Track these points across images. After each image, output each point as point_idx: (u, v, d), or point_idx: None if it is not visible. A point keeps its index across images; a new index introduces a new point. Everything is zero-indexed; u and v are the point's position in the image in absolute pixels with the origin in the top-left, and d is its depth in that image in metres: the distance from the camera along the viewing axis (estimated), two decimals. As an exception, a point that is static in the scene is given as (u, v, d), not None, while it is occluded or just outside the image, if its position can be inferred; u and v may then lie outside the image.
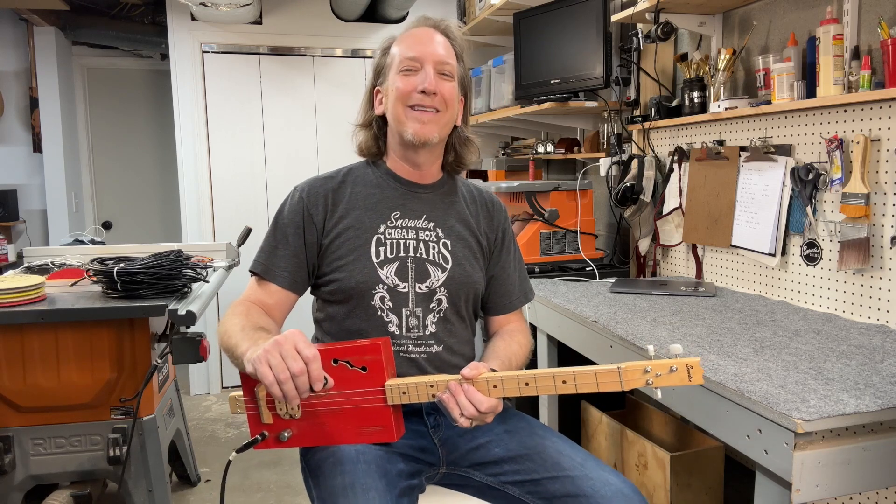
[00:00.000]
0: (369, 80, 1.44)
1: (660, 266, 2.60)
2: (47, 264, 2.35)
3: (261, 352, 1.08)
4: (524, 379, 1.12)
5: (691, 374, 1.02)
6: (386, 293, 1.33)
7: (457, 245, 1.39)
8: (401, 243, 1.36)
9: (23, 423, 1.97)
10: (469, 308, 1.43)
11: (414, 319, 1.34)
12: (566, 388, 1.09)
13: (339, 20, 3.95)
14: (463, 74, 1.40)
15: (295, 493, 2.68)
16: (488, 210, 1.49)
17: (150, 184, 4.77)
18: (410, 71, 1.33)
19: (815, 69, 1.77)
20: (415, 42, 1.35)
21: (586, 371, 1.08)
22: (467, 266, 1.39)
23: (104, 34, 4.07)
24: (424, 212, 1.40)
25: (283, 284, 1.35)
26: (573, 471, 1.22)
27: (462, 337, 1.42)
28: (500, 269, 1.48)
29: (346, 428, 1.22)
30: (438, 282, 1.36)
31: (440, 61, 1.33)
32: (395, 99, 1.33)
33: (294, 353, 1.07)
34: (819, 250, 1.86)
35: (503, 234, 1.49)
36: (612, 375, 1.06)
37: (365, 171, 1.43)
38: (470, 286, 1.40)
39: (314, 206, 1.37)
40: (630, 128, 2.58)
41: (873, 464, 1.15)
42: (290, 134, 4.03)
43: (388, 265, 1.34)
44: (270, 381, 1.06)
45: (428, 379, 1.17)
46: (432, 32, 1.37)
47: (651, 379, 1.04)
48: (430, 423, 1.35)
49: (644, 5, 2.22)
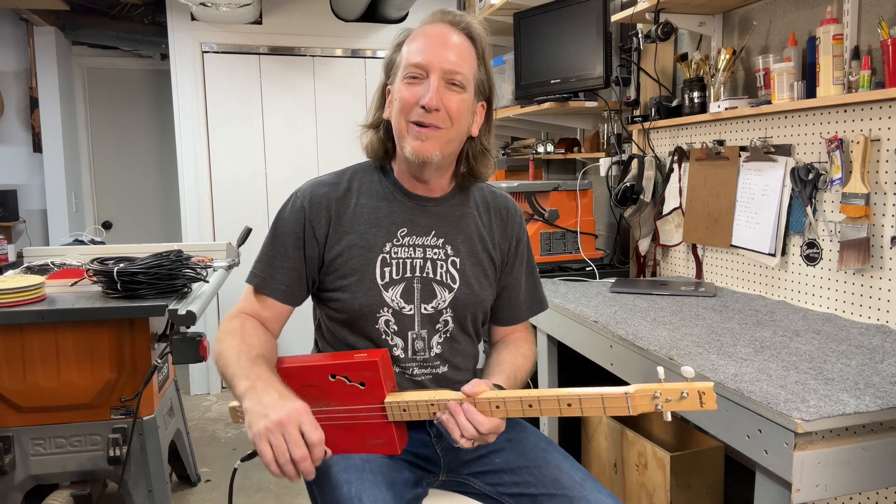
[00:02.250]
0: (381, 76, 1.32)
1: (660, 266, 2.60)
2: (47, 264, 2.35)
3: (262, 427, 1.01)
4: (528, 401, 1.09)
5: (703, 401, 0.99)
6: (391, 316, 1.27)
7: (465, 262, 1.32)
8: (407, 263, 1.28)
9: (23, 423, 1.97)
10: (476, 325, 1.38)
11: (420, 342, 1.29)
12: (571, 410, 1.06)
13: (339, 20, 3.95)
14: (483, 79, 1.27)
15: (295, 493, 2.68)
16: (502, 218, 1.40)
17: (150, 184, 4.77)
18: (415, 79, 1.21)
19: (815, 69, 1.77)
20: (424, 45, 1.21)
21: (593, 394, 1.05)
22: (475, 285, 1.33)
23: (104, 34, 4.07)
24: (433, 227, 1.31)
25: (280, 298, 1.28)
26: (571, 490, 1.20)
27: (467, 353, 1.37)
28: (513, 280, 1.41)
29: (348, 440, 1.20)
30: (445, 302, 1.29)
31: (449, 70, 1.20)
32: (397, 109, 1.23)
33: (298, 438, 1.01)
34: (819, 250, 1.86)
35: (517, 242, 1.41)
36: (619, 400, 1.03)
37: (371, 177, 1.33)
38: (477, 305, 1.34)
39: (316, 219, 1.27)
40: (630, 128, 2.58)
41: (873, 464, 1.15)
42: (290, 134, 4.03)
43: (393, 287, 1.27)
44: (269, 459, 1.00)
45: (429, 396, 1.14)
46: (448, 32, 1.23)
47: (660, 405, 1.01)
48: (434, 433, 1.33)
49: (644, 5, 2.22)
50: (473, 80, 1.25)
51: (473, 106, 1.28)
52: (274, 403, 1.04)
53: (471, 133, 1.29)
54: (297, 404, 1.05)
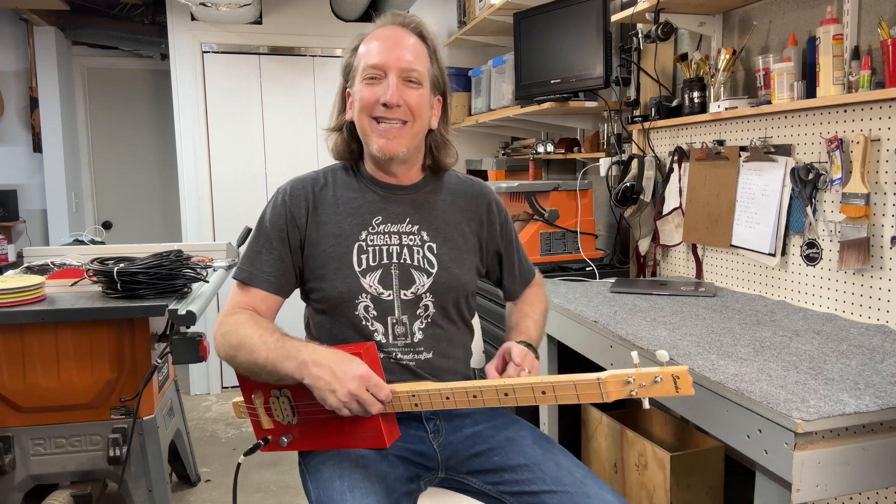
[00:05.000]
0: (340, 81, 1.38)
1: (660, 266, 2.60)
2: (47, 264, 2.35)
3: (336, 401, 1.12)
4: (503, 389, 1.11)
5: (678, 385, 0.98)
6: (370, 302, 1.30)
7: (443, 247, 1.36)
8: (383, 250, 1.32)
9: (23, 423, 1.97)
10: (461, 310, 1.40)
11: (401, 327, 1.31)
12: (546, 398, 1.07)
13: (339, 20, 3.95)
14: (437, 75, 1.34)
15: (295, 493, 2.68)
16: (475, 198, 1.44)
17: (150, 184, 4.77)
18: (374, 80, 1.27)
19: (815, 69, 1.77)
20: (380, 46, 1.28)
21: (566, 381, 1.05)
22: (454, 268, 1.36)
23: (104, 34, 4.07)
24: (407, 215, 1.35)
25: (269, 289, 1.31)
26: (572, 487, 1.20)
27: (454, 341, 1.39)
28: (506, 260, 1.48)
29: (340, 433, 1.23)
30: (424, 287, 1.32)
31: (405, 68, 1.27)
32: (359, 109, 1.29)
33: (369, 398, 1.13)
34: (819, 250, 1.86)
35: (501, 225, 1.46)
36: (592, 387, 1.03)
37: (345, 173, 1.40)
38: (458, 289, 1.36)
39: (297, 209, 1.33)
40: (630, 128, 2.58)
41: (873, 464, 1.15)
42: (290, 134, 4.03)
43: (370, 273, 1.30)
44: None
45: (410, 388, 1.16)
46: (400, 33, 1.30)
47: (635, 390, 1.00)
48: (430, 428, 1.34)
49: (644, 5, 2.22)
50: (428, 76, 1.32)
51: (431, 100, 1.34)
52: (336, 375, 1.12)
53: (431, 125, 1.36)
54: (356, 369, 1.12)
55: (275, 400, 1.27)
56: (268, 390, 1.27)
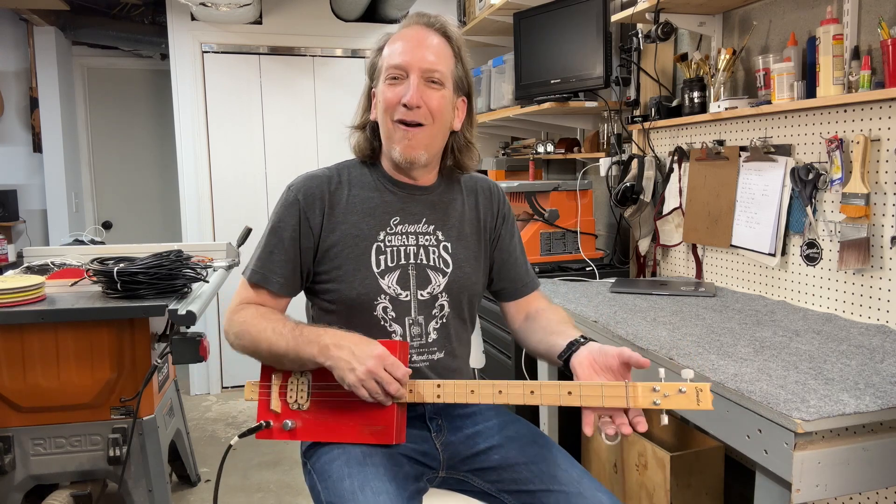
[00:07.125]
0: (366, 80, 1.38)
1: (660, 266, 2.60)
2: (47, 264, 2.35)
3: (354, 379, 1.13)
4: (529, 387, 1.13)
5: (700, 399, 1.01)
6: (388, 303, 1.30)
7: (457, 247, 1.37)
8: (401, 250, 1.32)
9: (23, 423, 1.97)
10: (472, 309, 1.42)
11: (417, 328, 1.32)
12: (571, 399, 1.09)
13: (339, 20, 3.95)
14: (461, 75, 1.33)
15: (295, 493, 2.68)
16: (487, 197, 1.45)
17: (150, 184, 4.77)
18: (396, 80, 1.27)
19: (815, 69, 1.77)
20: (403, 47, 1.27)
21: (593, 384, 1.08)
22: (467, 268, 1.37)
23: (104, 34, 4.07)
24: (424, 215, 1.36)
25: (280, 291, 1.32)
26: (569, 486, 1.22)
27: (462, 339, 1.41)
28: (508, 254, 1.45)
29: (349, 424, 1.23)
30: (440, 287, 1.33)
31: (427, 69, 1.26)
32: (382, 109, 1.29)
33: (387, 376, 1.14)
34: (819, 250, 1.86)
35: (504, 218, 1.46)
36: (618, 390, 1.06)
37: (361, 170, 1.38)
38: (471, 287, 1.38)
39: (311, 210, 1.31)
40: (630, 128, 2.58)
41: (873, 464, 1.15)
42: (291, 134, 4.03)
43: (389, 274, 1.31)
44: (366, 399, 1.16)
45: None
46: (424, 33, 1.29)
47: (658, 399, 1.03)
48: (433, 427, 1.34)
49: (644, 5, 2.22)
50: (452, 77, 1.31)
51: (454, 101, 1.33)
52: (355, 354, 1.14)
53: (453, 127, 1.35)
54: (374, 350, 1.15)
55: (294, 380, 1.28)
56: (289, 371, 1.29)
